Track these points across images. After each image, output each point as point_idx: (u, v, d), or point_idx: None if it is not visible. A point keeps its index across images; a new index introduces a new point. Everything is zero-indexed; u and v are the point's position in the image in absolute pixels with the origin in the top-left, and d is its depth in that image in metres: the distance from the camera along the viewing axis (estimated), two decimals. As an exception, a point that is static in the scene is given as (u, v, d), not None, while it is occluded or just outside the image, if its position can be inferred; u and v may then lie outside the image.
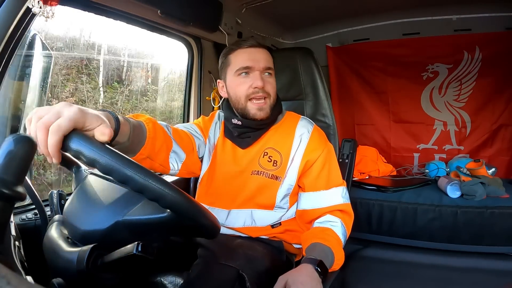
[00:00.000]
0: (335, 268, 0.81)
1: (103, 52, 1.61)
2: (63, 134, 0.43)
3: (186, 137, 0.88)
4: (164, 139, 0.77)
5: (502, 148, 1.91)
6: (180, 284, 0.71)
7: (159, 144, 0.75)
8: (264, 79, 0.86)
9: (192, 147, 0.90)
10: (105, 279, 0.51)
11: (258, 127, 0.90)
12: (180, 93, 1.60)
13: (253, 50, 0.87)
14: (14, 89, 0.86)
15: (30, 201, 0.88)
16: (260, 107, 0.86)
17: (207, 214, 0.52)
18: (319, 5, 1.64)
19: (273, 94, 0.89)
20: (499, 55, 1.81)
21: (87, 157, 0.43)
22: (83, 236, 0.53)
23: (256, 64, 0.86)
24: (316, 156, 0.89)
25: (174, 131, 0.84)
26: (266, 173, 0.89)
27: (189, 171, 0.91)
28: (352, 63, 2.12)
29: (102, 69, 1.61)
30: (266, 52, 0.89)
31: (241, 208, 0.90)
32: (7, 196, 0.37)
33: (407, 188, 1.62)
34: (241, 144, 0.92)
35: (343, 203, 0.88)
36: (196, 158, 0.91)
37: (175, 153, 0.82)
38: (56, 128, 0.42)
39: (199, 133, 0.94)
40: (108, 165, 0.43)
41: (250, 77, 0.86)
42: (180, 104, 1.58)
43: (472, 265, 1.34)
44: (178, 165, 0.83)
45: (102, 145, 0.45)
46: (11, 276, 0.22)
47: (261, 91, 0.85)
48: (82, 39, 1.50)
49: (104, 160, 0.43)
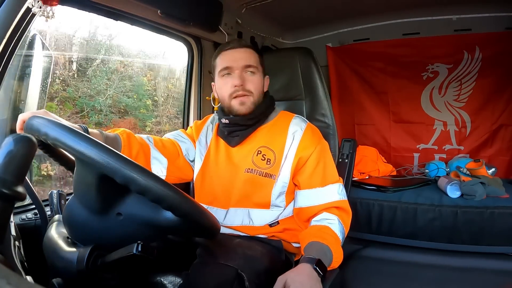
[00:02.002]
0: (334, 266, 0.81)
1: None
2: (22, 118, 0.60)
3: (169, 144, 0.94)
4: (141, 147, 0.84)
5: (502, 148, 1.91)
6: (180, 283, 0.71)
7: (135, 152, 0.82)
8: (245, 77, 0.89)
9: (178, 152, 0.94)
10: (105, 279, 0.51)
11: (244, 123, 0.91)
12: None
13: (233, 51, 0.91)
14: (14, 89, 0.86)
15: (30, 201, 0.88)
16: (241, 101, 0.89)
17: (207, 214, 0.52)
18: (319, 5, 1.64)
19: (256, 92, 0.91)
20: (499, 55, 1.81)
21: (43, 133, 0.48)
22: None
23: (235, 64, 0.89)
24: (309, 153, 0.89)
25: (155, 140, 0.91)
26: (259, 171, 0.90)
27: (177, 176, 0.95)
28: (352, 63, 2.12)
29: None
30: (248, 51, 0.92)
31: (238, 207, 0.90)
32: (7, 196, 0.38)
33: (407, 188, 1.62)
34: (231, 142, 0.94)
35: (339, 199, 0.88)
36: (183, 162, 0.95)
37: (156, 159, 0.88)
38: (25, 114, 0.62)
39: (185, 137, 0.99)
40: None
41: (231, 77, 0.90)
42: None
43: (472, 265, 1.34)
44: (162, 171, 0.89)
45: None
46: (11, 276, 0.22)
47: (240, 89, 0.88)
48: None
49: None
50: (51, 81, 1.46)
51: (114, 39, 1.65)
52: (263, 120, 0.94)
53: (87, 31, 1.58)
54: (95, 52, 1.66)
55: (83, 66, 1.66)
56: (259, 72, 0.92)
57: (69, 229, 0.56)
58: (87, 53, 1.67)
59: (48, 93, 0.96)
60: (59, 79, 1.58)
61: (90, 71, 1.67)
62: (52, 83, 1.48)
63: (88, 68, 1.67)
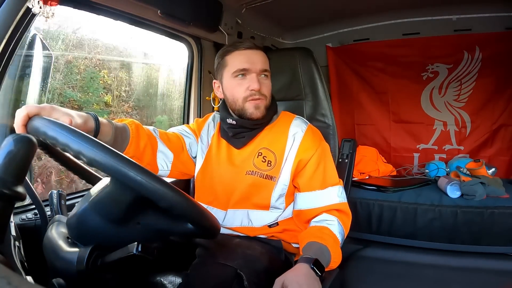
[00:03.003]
0: (332, 267, 0.81)
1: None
2: (27, 112, 0.54)
3: (174, 138, 0.91)
4: (149, 139, 0.82)
5: (502, 148, 1.91)
6: (179, 283, 0.71)
7: (143, 144, 0.80)
8: (261, 81, 0.87)
9: (182, 146, 0.93)
10: (105, 279, 0.51)
11: (252, 127, 0.90)
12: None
13: (250, 52, 0.88)
14: (14, 89, 0.86)
15: (30, 201, 0.88)
16: (256, 105, 0.87)
17: (207, 214, 0.52)
18: (319, 5, 1.64)
19: (269, 96, 0.90)
20: (499, 55, 1.81)
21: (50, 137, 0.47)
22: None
23: (253, 66, 0.86)
24: (310, 156, 0.88)
25: (161, 133, 0.88)
26: (260, 173, 0.89)
27: (180, 171, 0.93)
28: (352, 63, 2.12)
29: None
30: (262, 54, 0.90)
31: (237, 208, 0.90)
32: (7, 196, 0.38)
33: (407, 188, 1.62)
34: (236, 144, 0.93)
35: (339, 202, 0.88)
36: (187, 157, 0.94)
37: (162, 153, 0.86)
38: (23, 107, 0.54)
39: (190, 132, 0.97)
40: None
41: (247, 79, 0.87)
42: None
43: (472, 265, 1.34)
44: (167, 165, 0.87)
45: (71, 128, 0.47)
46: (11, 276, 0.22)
47: (257, 93, 0.86)
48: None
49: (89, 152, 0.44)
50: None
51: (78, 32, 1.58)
52: (268, 121, 0.93)
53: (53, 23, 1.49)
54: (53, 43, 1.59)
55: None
56: (269, 76, 0.91)
57: (77, 234, 0.55)
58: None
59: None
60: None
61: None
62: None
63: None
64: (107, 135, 0.70)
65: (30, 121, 0.52)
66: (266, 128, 0.93)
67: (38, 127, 0.49)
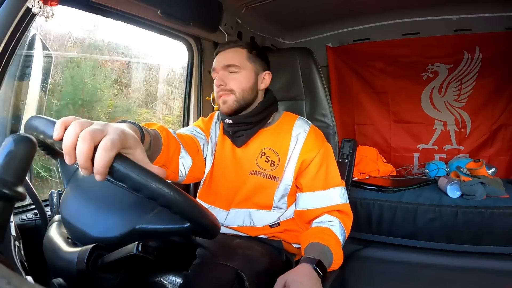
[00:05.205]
0: (334, 268, 0.81)
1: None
2: (116, 152, 0.40)
3: (190, 140, 0.89)
4: (175, 146, 0.79)
5: (502, 148, 1.91)
6: (179, 284, 0.71)
7: (172, 151, 0.77)
8: (227, 76, 0.88)
9: (197, 149, 0.90)
10: (105, 279, 0.51)
11: (246, 121, 0.90)
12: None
13: (223, 52, 0.91)
14: (14, 89, 0.86)
15: (30, 201, 0.88)
16: (223, 100, 0.88)
17: (207, 214, 0.52)
18: (319, 5, 1.64)
19: (239, 89, 0.88)
20: (499, 55, 1.81)
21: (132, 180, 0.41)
22: (95, 241, 0.52)
23: (218, 65, 0.90)
24: (312, 156, 0.88)
25: (179, 136, 0.84)
26: (263, 173, 0.89)
27: (193, 176, 0.91)
28: (352, 63, 2.12)
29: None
30: (231, 51, 0.90)
31: (240, 207, 0.90)
32: (7, 196, 0.37)
33: (407, 188, 1.62)
34: (237, 142, 0.93)
35: (341, 203, 0.88)
36: (201, 160, 0.92)
37: (183, 158, 0.83)
38: (110, 145, 0.39)
39: (201, 133, 0.96)
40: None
41: (216, 78, 0.89)
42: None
43: (472, 265, 1.34)
44: (185, 171, 0.84)
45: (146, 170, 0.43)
46: (11, 276, 0.22)
47: (221, 89, 0.88)
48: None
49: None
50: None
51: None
52: (267, 119, 0.93)
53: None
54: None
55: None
56: (244, 70, 0.89)
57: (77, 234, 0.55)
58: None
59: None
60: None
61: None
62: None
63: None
64: (145, 145, 0.63)
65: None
66: (269, 128, 0.93)
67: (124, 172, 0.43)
